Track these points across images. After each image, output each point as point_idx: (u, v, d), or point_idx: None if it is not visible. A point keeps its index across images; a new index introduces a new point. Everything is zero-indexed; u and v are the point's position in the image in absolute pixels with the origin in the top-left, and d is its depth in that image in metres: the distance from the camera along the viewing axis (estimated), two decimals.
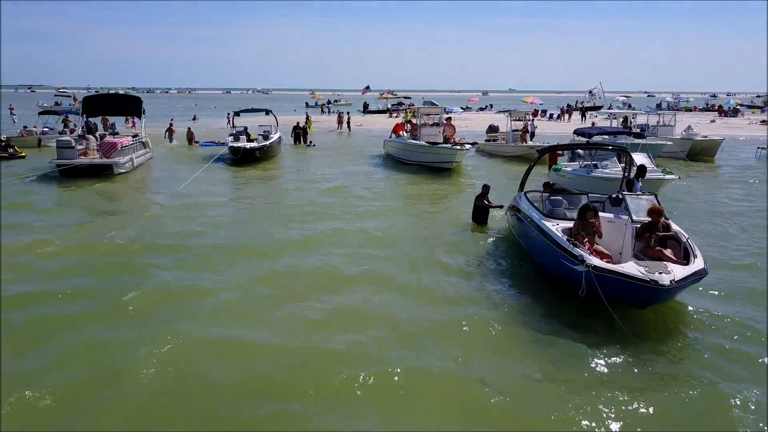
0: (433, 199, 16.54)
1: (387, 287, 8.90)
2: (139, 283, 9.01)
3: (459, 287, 8.94)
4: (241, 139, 24.90)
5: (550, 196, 9.85)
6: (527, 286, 8.84)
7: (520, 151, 25.20)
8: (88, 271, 9.64)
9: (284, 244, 11.37)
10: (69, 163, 18.42)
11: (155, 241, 11.53)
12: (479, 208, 12.40)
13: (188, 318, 7.70)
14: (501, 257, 10.40)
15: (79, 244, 11.17)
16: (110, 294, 8.43)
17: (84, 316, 7.73)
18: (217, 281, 9.17)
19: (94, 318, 7.68)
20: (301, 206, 14.97)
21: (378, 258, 10.43)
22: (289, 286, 9.02)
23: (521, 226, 10.20)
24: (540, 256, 9.11)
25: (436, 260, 10.30)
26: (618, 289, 7.11)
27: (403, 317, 7.75)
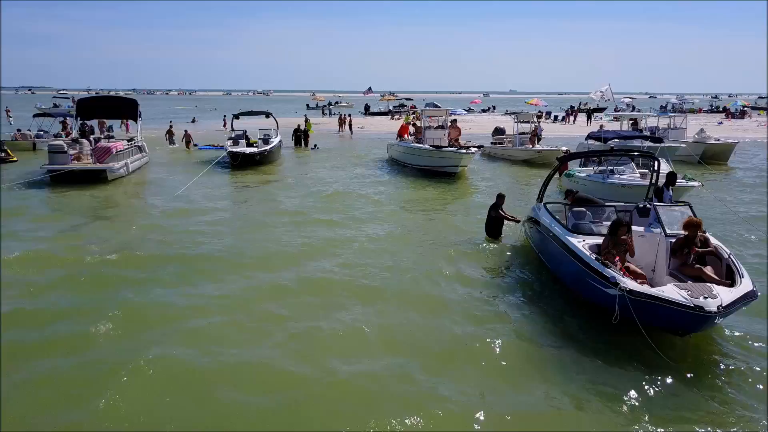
0: (441, 206, 15.80)
1: (400, 303, 8.31)
2: (126, 299, 8.35)
3: (477, 304, 8.26)
4: (241, 143, 24.13)
5: (573, 207, 9.08)
6: (551, 305, 8.13)
7: (527, 155, 24.50)
8: (72, 287, 8.97)
9: (286, 255, 10.73)
10: (60, 168, 17.70)
11: (146, 252, 10.83)
12: (494, 220, 11.57)
13: (177, 341, 7.00)
14: (520, 272, 9.69)
15: (64, 256, 10.50)
16: (92, 314, 7.72)
17: (59, 341, 7.02)
18: (212, 297, 8.52)
19: (70, 343, 6.96)
20: (302, 214, 14.24)
21: (388, 271, 9.76)
22: (294, 301, 8.41)
23: (541, 240, 9.47)
24: (565, 276, 8.37)
25: (451, 274, 9.60)
26: (657, 316, 6.37)
27: (420, 337, 7.18)
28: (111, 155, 18.52)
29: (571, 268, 7.78)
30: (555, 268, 8.88)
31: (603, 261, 6.99)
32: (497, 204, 11.61)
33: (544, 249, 9.33)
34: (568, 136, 36.52)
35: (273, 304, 8.27)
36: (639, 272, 7.25)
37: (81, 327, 7.35)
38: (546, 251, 9.25)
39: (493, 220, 11.54)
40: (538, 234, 9.66)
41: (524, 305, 8.20)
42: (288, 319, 7.75)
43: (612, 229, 7.46)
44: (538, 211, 9.85)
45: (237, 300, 8.42)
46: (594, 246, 7.70)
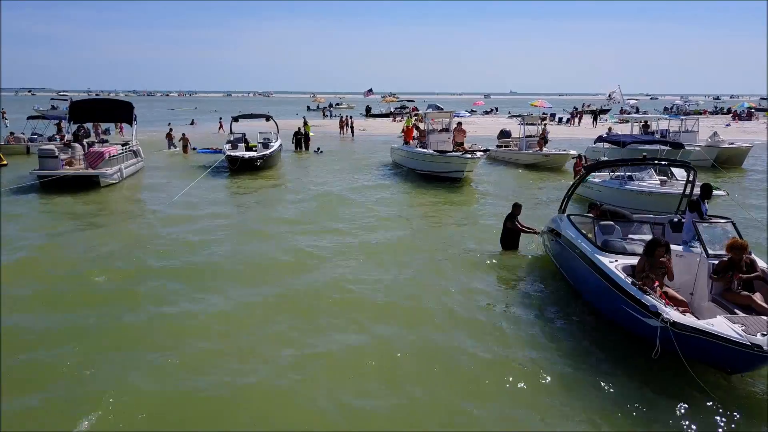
0: (448, 215, 15.03)
1: (412, 321, 7.71)
2: (110, 318, 7.67)
3: (496, 324, 7.57)
4: (240, 147, 23.41)
5: (600, 220, 8.33)
6: (578, 328, 7.39)
7: (534, 159, 23.74)
8: (51, 303, 8.33)
9: (286, 267, 10.13)
10: (50, 174, 16.96)
11: (134, 264, 10.17)
12: (510, 231, 10.82)
13: (162, 370, 6.27)
14: (540, 288, 8.96)
15: (46, 268, 9.89)
16: (68, 337, 7.02)
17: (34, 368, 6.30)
18: (207, 315, 7.86)
19: (42, 372, 6.23)
20: (304, 223, 13.52)
21: (396, 285, 9.11)
22: (297, 319, 7.75)
23: (564, 254, 8.73)
24: (594, 298, 7.60)
25: (465, 289, 8.93)
26: (704, 352, 5.62)
27: (438, 360, 6.56)
28: (104, 160, 17.77)
29: (601, 290, 7.03)
30: (581, 287, 8.12)
31: (641, 286, 6.23)
32: (513, 214, 10.86)
33: (567, 265, 8.60)
34: (574, 138, 35.78)
35: (274, 323, 7.63)
36: (679, 299, 6.48)
37: (54, 353, 6.66)
38: (569, 268, 8.52)
39: (509, 231, 10.80)
40: (560, 248, 8.92)
41: (548, 326, 7.48)
42: (290, 342, 7.07)
43: (649, 249, 6.69)
44: (561, 223, 9.09)
45: (234, 318, 7.80)
46: (628, 267, 6.94)
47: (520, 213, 10.95)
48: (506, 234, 10.82)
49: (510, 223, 10.78)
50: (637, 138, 18.30)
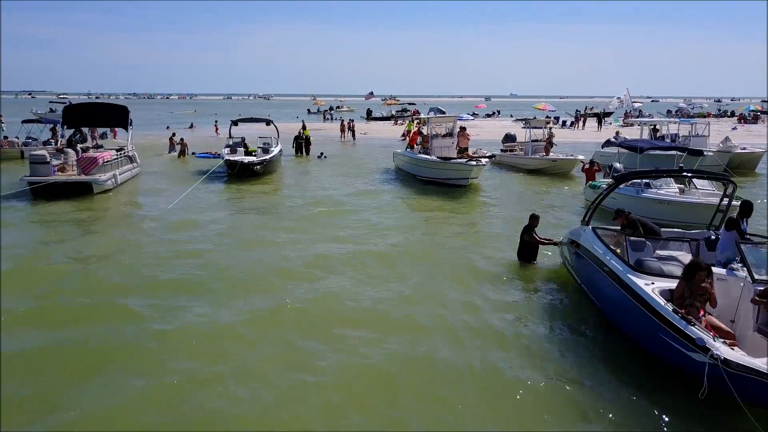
0: (456, 223, 14.40)
1: (427, 340, 7.18)
2: (90, 339, 7.05)
3: (518, 347, 6.97)
4: (239, 152, 22.76)
5: (630, 236, 7.63)
6: (607, 355, 6.72)
7: (541, 164, 23.11)
8: (31, 321, 7.69)
9: (287, 276, 9.64)
10: (41, 180, 16.33)
11: (123, 279, 9.50)
12: (528, 244, 10.20)
13: (152, 392, 5.66)
14: (560, 306, 8.33)
15: (29, 280, 9.33)
16: (48, 357, 6.38)
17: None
18: (199, 336, 7.24)
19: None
20: (305, 233, 12.86)
21: (406, 300, 8.56)
22: (306, 334, 7.21)
23: (588, 270, 8.08)
24: (625, 323, 6.92)
25: (478, 305, 8.34)
26: (757, 393, 4.96)
27: (457, 388, 6.03)
28: (97, 166, 17.14)
29: (635, 316, 6.38)
30: (608, 308, 7.44)
31: (684, 315, 5.57)
32: (530, 226, 10.26)
33: (592, 282, 7.95)
34: (579, 142, 35.19)
35: (277, 344, 7.01)
36: (725, 329, 5.82)
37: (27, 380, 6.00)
38: (594, 286, 7.86)
39: (527, 244, 10.19)
40: (583, 263, 8.27)
41: (573, 352, 6.84)
42: (297, 361, 6.51)
43: (689, 273, 6.04)
44: (585, 236, 8.43)
45: (230, 335, 7.21)
46: (665, 291, 6.28)
47: (537, 224, 10.35)
48: (524, 247, 10.24)
49: (527, 235, 10.19)
50: (654, 144, 17.59)
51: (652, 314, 5.96)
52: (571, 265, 9.06)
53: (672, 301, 6.00)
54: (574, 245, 8.76)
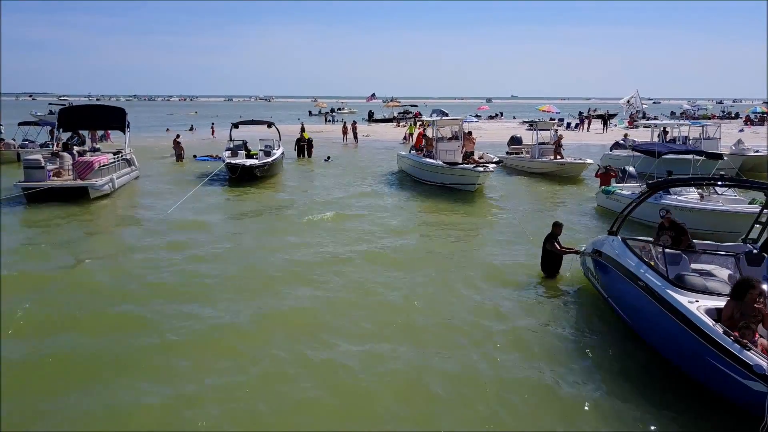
0: (468, 231, 13.83)
1: (451, 348, 6.80)
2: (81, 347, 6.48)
3: (546, 369, 6.39)
4: (240, 155, 22.22)
5: (666, 248, 7.05)
6: (642, 377, 6.15)
7: (548, 168, 22.52)
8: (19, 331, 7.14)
9: (294, 285, 9.14)
10: (35, 186, 15.81)
11: (118, 287, 9.01)
12: (551, 254, 9.65)
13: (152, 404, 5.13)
14: (584, 323, 7.75)
15: (22, 289, 8.79)
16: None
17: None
18: (194, 347, 6.73)
19: None
20: (312, 239, 12.31)
21: (421, 313, 8.01)
22: (312, 362, 6.58)
23: (618, 285, 7.50)
24: (665, 345, 6.33)
25: (498, 319, 7.83)
26: None
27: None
28: (93, 171, 16.60)
29: (678, 338, 5.83)
30: (643, 328, 6.85)
31: (738, 338, 5.02)
32: (553, 234, 9.70)
33: (622, 297, 7.38)
34: (584, 144, 34.65)
35: (292, 352, 6.56)
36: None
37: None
38: (624, 301, 7.30)
39: (549, 253, 9.65)
40: (611, 276, 7.70)
41: (605, 376, 6.25)
42: (312, 379, 6.04)
43: (739, 292, 5.48)
44: (612, 247, 7.86)
45: (239, 342, 6.77)
46: (712, 310, 5.73)
47: (560, 233, 9.80)
48: (548, 257, 9.68)
49: (549, 244, 9.64)
50: (671, 147, 16.92)
51: (699, 336, 5.41)
52: (595, 277, 8.52)
53: (720, 322, 5.44)
54: (599, 256, 8.21)
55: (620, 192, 14.79)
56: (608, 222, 13.95)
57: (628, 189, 14.73)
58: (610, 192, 15.23)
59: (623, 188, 15.09)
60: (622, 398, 5.76)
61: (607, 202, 15.47)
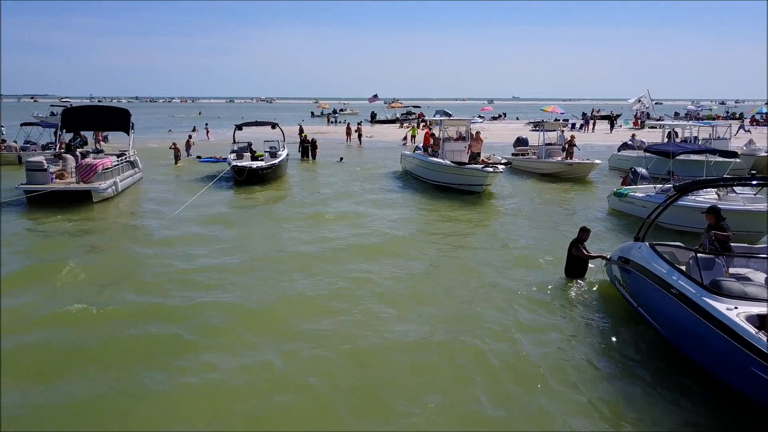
0: (478, 235, 13.48)
1: (464, 375, 6.28)
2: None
3: (564, 386, 6.03)
4: (245, 156, 21.97)
5: (699, 252, 6.74)
6: (677, 391, 5.84)
7: (557, 168, 22.25)
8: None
9: (304, 302, 8.60)
10: (37, 189, 15.54)
11: (112, 303, 8.58)
12: (577, 259, 9.36)
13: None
14: (611, 331, 7.41)
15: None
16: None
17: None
18: (196, 383, 6.25)
19: None
20: (321, 248, 11.83)
21: (439, 321, 7.69)
22: (322, 389, 6.14)
23: (646, 291, 7.19)
24: (704, 356, 5.98)
25: (519, 329, 7.49)
26: None
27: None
28: (96, 173, 16.34)
29: (717, 347, 5.54)
30: (677, 337, 6.53)
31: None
32: (579, 239, 9.41)
33: (653, 305, 7.07)
34: (589, 144, 34.32)
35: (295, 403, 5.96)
36: None
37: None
38: (656, 309, 6.98)
39: (575, 258, 9.35)
40: (640, 283, 7.38)
41: (634, 385, 5.96)
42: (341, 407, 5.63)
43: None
44: (641, 253, 7.56)
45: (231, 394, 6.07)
46: (753, 317, 5.44)
47: (587, 238, 9.50)
48: (573, 262, 9.38)
49: (575, 249, 9.33)
50: (685, 147, 16.56)
51: (742, 345, 5.13)
52: (623, 285, 8.21)
53: (763, 329, 5.16)
54: (626, 263, 7.91)
55: (634, 194, 14.47)
56: (623, 225, 13.70)
57: (642, 191, 14.43)
58: (623, 194, 14.87)
59: (636, 190, 14.77)
60: (661, 415, 5.46)
61: (620, 205, 15.15)
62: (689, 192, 9.91)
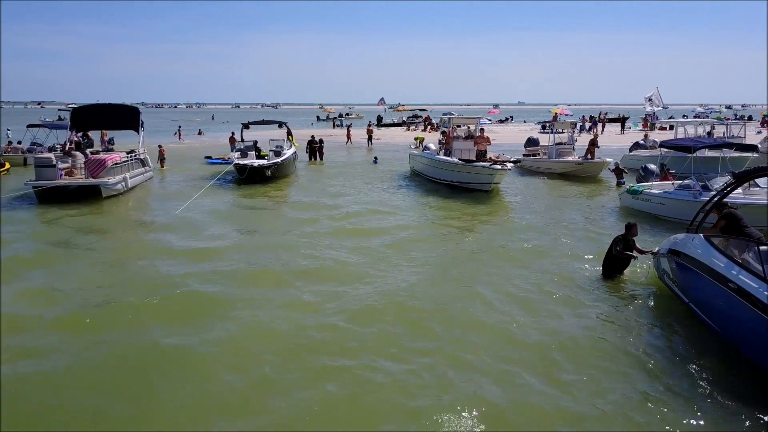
0: (497, 235, 12.60)
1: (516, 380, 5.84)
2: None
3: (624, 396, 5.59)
4: (250, 155, 21.69)
5: (759, 245, 6.28)
6: (744, 397, 5.41)
7: (568, 168, 21.96)
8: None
9: (307, 310, 7.87)
10: (46, 184, 15.44)
11: (109, 303, 8.10)
12: (616, 259, 8.75)
13: None
14: (667, 332, 6.97)
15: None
16: None
17: None
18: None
19: None
20: (323, 252, 10.97)
21: (476, 348, 6.74)
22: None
23: (701, 287, 6.76)
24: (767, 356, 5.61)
25: (564, 330, 7.04)
26: None
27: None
28: (105, 169, 16.22)
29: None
30: (739, 338, 6.10)
31: None
32: (626, 237, 8.76)
33: (708, 302, 6.66)
34: (599, 145, 33.92)
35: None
36: None
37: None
38: (712, 306, 6.56)
39: (615, 259, 8.77)
40: (693, 278, 6.95)
41: (692, 387, 5.61)
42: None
43: None
44: (694, 246, 7.11)
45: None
46: None
47: (636, 234, 8.89)
48: (614, 262, 8.79)
49: (621, 246, 8.68)
50: (705, 142, 16.09)
51: None
52: (672, 280, 7.73)
53: None
54: (678, 256, 7.42)
55: (650, 191, 14.08)
56: (638, 222, 13.17)
57: (658, 187, 14.07)
58: (637, 192, 14.45)
59: (652, 187, 14.41)
60: (723, 415, 5.12)
61: (633, 203, 14.66)
62: (748, 179, 9.35)
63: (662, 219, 13.13)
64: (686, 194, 12.62)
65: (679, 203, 12.49)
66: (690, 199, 12.32)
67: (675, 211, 12.58)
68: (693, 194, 12.36)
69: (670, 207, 12.82)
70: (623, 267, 8.88)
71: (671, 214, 12.79)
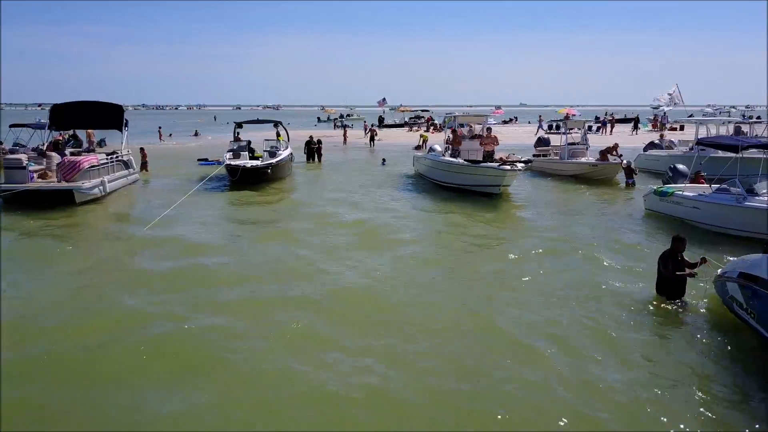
0: (514, 249, 10.93)
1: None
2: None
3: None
4: (243, 156, 20.29)
5: None
6: None
7: (581, 169, 20.65)
8: None
9: (300, 337, 6.82)
10: (13, 187, 14.09)
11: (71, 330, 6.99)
12: (670, 281, 7.43)
13: None
14: (745, 377, 5.71)
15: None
16: None
17: None
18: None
19: None
20: (320, 263, 9.90)
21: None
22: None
23: None
24: None
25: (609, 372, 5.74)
26: None
27: None
28: (80, 172, 14.84)
29: None
30: None
31: None
32: (674, 251, 7.46)
33: None
34: (609, 146, 32.58)
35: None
36: None
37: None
38: None
39: (668, 280, 7.45)
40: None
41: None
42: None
43: None
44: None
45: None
46: None
47: (684, 248, 7.52)
48: (668, 281, 7.45)
49: (670, 264, 7.36)
50: (750, 141, 14.24)
51: None
52: (745, 309, 6.47)
53: None
54: (754, 282, 6.17)
55: (681, 193, 12.62)
56: (665, 229, 11.71)
57: (694, 190, 12.59)
58: (667, 194, 13.04)
59: (684, 189, 12.95)
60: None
61: (660, 206, 13.23)
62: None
63: (694, 225, 11.74)
64: (728, 198, 11.13)
65: (719, 208, 11.05)
66: (731, 204, 10.88)
67: (712, 218, 11.17)
68: (736, 199, 10.90)
69: (707, 212, 11.37)
70: (681, 289, 7.44)
71: (707, 221, 11.38)
